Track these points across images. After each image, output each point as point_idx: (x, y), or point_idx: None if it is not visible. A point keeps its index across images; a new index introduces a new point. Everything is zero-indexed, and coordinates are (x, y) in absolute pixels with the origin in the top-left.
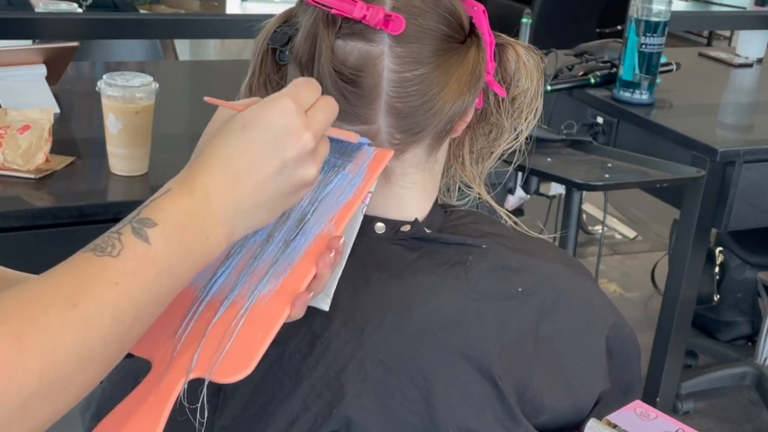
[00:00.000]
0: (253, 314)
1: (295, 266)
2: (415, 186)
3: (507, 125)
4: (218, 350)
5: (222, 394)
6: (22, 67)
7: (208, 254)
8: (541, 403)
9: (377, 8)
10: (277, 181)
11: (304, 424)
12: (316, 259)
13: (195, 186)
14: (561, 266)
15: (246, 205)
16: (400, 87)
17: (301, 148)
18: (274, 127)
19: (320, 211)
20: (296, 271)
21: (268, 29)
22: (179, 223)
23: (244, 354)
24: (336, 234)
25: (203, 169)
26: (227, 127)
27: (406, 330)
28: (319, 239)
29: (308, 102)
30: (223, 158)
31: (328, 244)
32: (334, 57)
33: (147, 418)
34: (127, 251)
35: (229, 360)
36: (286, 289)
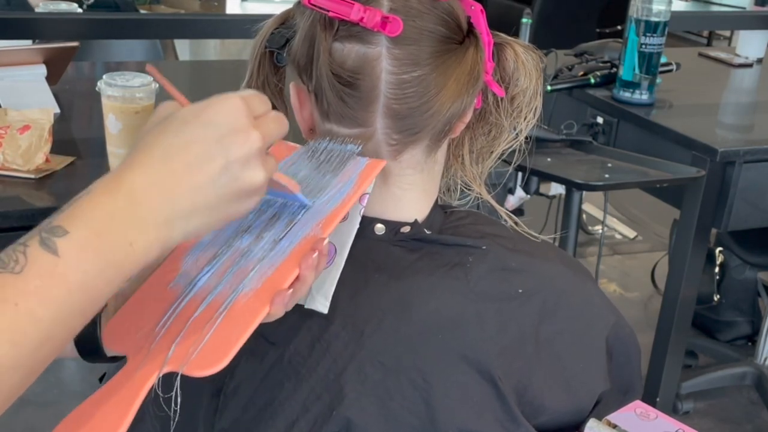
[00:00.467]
0: (232, 311)
1: (278, 267)
2: (414, 187)
3: (506, 125)
4: (194, 345)
5: (222, 395)
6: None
7: (134, 263)
8: (541, 403)
9: (374, 10)
10: (220, 182)
11: (304, 425)
12: (299, 260)
13: (119, 185)
14: (561, 267)
15: (182, 209)
16: (398, 89)
17: (248, 148)
18: (220, 124)
19: (308, 216)
20: (279, 271)
21: (266, 31)
22: (96, 229)
23: (220, 349)
24: (322, 236)
25: (132, 167)
26: (166, 123)
27: (406, 331)
28: (305, 242)
29: (259, 110)
30: (157, 155)
31: (312, 245)
32: (332, 60)
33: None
34: (32, 267)
35: (204, 354)
36: (267, 288)
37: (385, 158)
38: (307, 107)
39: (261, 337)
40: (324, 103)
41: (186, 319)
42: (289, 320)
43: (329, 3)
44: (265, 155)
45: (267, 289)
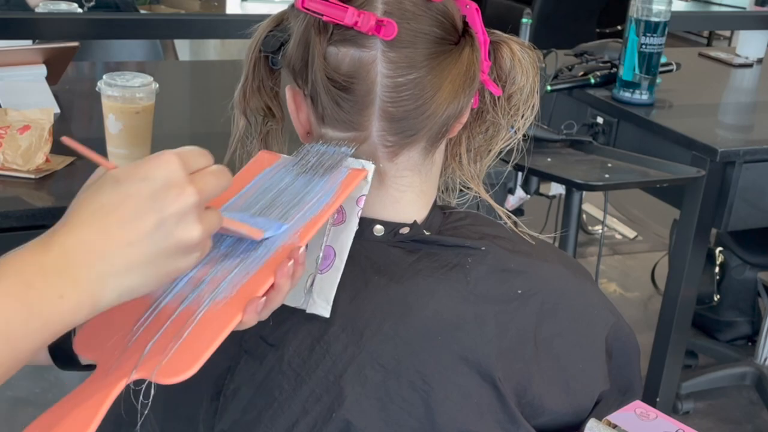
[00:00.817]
0: (205, 319)
1: (253, 274)
2: (412, 188)
3: (504, 123)
4: (165, 352)
5: (222, 397)
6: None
7: (63, 317)
8: (541, 404)
9: (369, 14)
10: (153, 239)
11: (304, 427)
12: (275, 269)
13: (53, 242)
14: (560, 268)
15: (116, 266)
16: (394, 92)
17: (182, 203)
18: (153, 179)
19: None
20: (254, 278)
21: (260, 34)
22: (27, 280)
23: (190, 356)
24: (300, 244)
25: (66, 225)
26: (101, 181)
27: (406, 333)
28: (281, 250)
29: (196, 166)
30: (90, 213)
31: (288, 254)
32: (327, 64)
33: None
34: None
35: (174, 361)
36: (241, 296)
37: (382, 160)
38: (303, 111)
39: (261, 339)
40: (319, 107)
41: (159, 327)
42: (288, 322)
43: (323, 7)
44: (203, 210)
45: (241, 297)
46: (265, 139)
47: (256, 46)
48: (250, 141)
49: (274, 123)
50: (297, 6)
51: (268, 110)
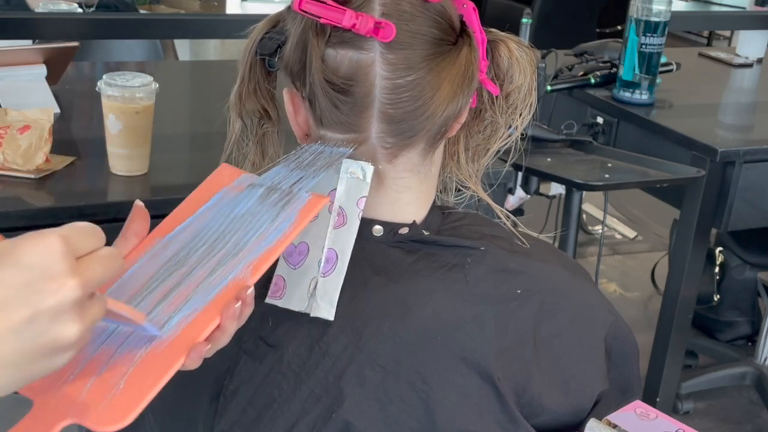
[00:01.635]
0: (146, 360)
1: (199, 312)
2: (411, 189)
3: (502, 122)
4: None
5: (221, 398)
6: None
7: None
8: (540, 404)
9: (367, 16)
10: (23, 335)
11: (304, 428)
12: (221, 308)
13: None
14: (559, 268)
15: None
16: (393, 94)
17: (61, 298)
18: (30, 267)
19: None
20: (199, 318)
21: (256, 35)
22: None
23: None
24: (249, 283)
25: None
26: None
27: (405, 334)
28: (231, 285)
29: (84, 248)
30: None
31: (236, 294)
32: (325, 66)
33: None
34: None
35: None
36: (184, 338)
37: (381, 162)
38: (301, 113)
39: (260, 340)
40: (318, 110)
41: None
42: (288, 323)
43: (321, 9)
44: (86, 303)
45: (184, 338)
46: (261, 142)
47: (251, 48)
48: (246, 143)
49: (270, 125)
50: (294, 8)
51: (264, 112)
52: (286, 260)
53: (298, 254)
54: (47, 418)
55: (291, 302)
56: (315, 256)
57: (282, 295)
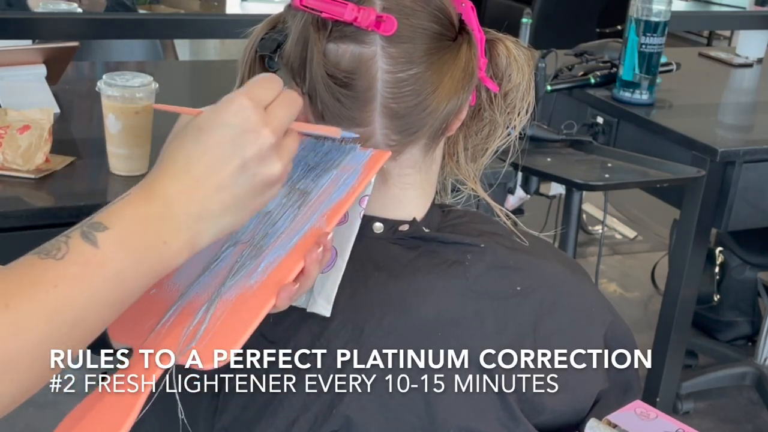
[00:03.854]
0: (238, 303)
1: (282, 259)
2: (413, 186)
3: (500, 121)
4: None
5: (222, 395)
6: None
7: (167, 260)
8: (541, 402)
9: (368, 10)
10: (240, 181)
11: (304, 424)
12: (304, 254)
13: (154, 191)
14: (558, 265)
15: (211, 208)
16: (395, 87)
17: (261, 145)
18: (231, 126)
19: (312, 208)
20: (283, 263)
21: (255, 36)
22: (134, 227)
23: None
24: (326, 230)
25: (162, 175)
26: (184, 132)
27: (405, 330)
28: (310, 234)
29: (267, 98)
30: (181, 163)
31: (317, 239)
32: (327, 61)
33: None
34: (72, 255)
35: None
36: (272, 281)
37: None
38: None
39: (261, 336)
40: (319, 105)
41: (192, 313)
42: (288, 319)
43: (322, 4)
44: (281, 143)
45: (272, 282)
46: None
47: (251, 48)
48: None
49: None
50: (295, 4)
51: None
52: None
53: None
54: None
55: None
56: None
57: None
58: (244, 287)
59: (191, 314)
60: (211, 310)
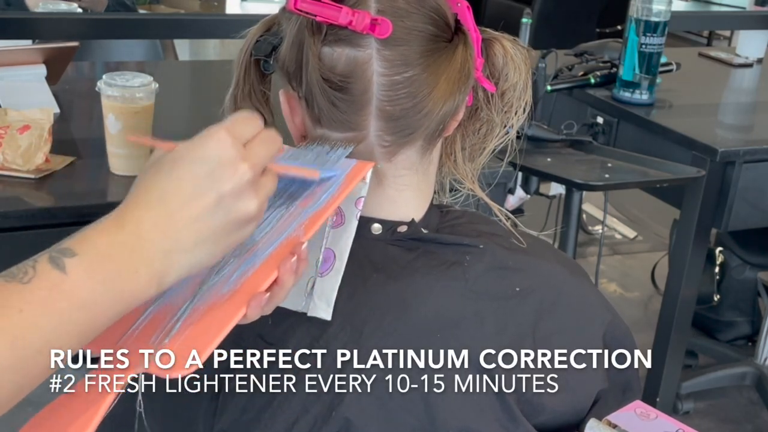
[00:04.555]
0: (209, 312)
1: (257, 268)
2: (409, 187)
3: (498, 120)
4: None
5: (221, 396)
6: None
7: (136, 292)
8: (540, 402)
9: (363, 13)
10: (215, 216)
11: (304, 426)
12: (279, 263)
13: (126, 220)
14: (557, 265)
15: (184, 242)
16: (391, 90)
17: (238, 180)
18: (209, 160)
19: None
20: (258, 273)
21: (250, 39)
22: (104, 255)
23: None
24: (302, 239)
25: (136, 205)
26: (159, 164)
27: (405, 331)
28: (286, 243)
29: (247, 135)
30: (156, 194)
31: (292, 249)
32: (322, 64)
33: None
34: (39, 280)
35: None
36: (244, 290)
37: (379, 160)
38: (298, 114)
39: (259, 338)
40: (315, 109)
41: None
42: (287, 321)
43: (316, 7)
44: (259, 181)
45: (244, 291)
46: None
47: (246, 50)
48: None
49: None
50: (289, 8)
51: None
52: None
53: None
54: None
55: (288, 302)
56: (313, 255)
57: None
58: (217, 295)
59: (162, 321)
60: (182, 317)
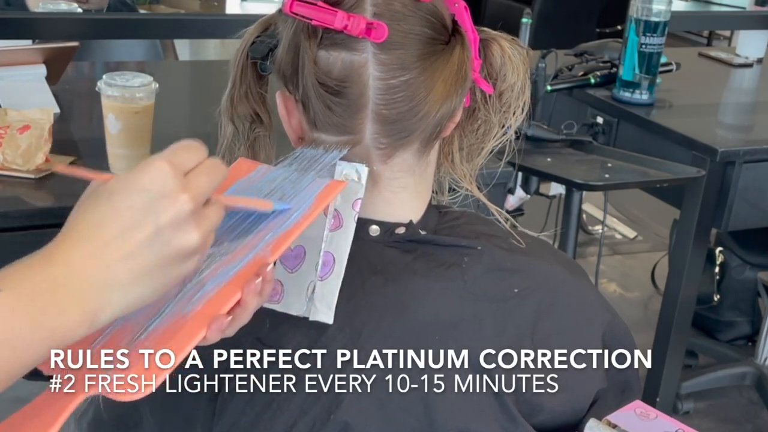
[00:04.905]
0: (168, 332)
1: (221, 288)
2: (406, 189)
3: (495, 121)
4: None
5: (220, 398)
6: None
7: (64, 331)
8: (539, 402)
9: (359, 17)
10: (152, 249)
11: (302, 428)
12: (243, 284)
13: (56, 255)
14: (556, 266)
15: (119, 277)
16: (387, 94)
17: (177, 212)
18: (146, 191)
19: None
20: (221, 293)
21: (247, 39)
22: (31, 290)
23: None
24: (268, 260)
25: (68, 239)
26: (95, 196)
27: (403, 333)
28: (252, 263)
29: (189, 164)
30: (90, 227)
31: (257, 270)
32: (318, 69)
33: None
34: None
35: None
36: (206, 311)
37: (376, 163)
38: (295, 116)
39: (257, 341)
40: (311, 112)
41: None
42: (286, 323)
43: (312, 11)
44: (201, 212)
45: (206, 313)
46: (252, 146)
47: (243, 51)
48: (237, 148)
49: (261, 129)
50: (285, 11)
51: (256, 116)
52: (283, 264)
53: (294, 258)
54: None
55: (289, 306)
56: (312, 259)
57: (280, 299)
58: (179, 315)
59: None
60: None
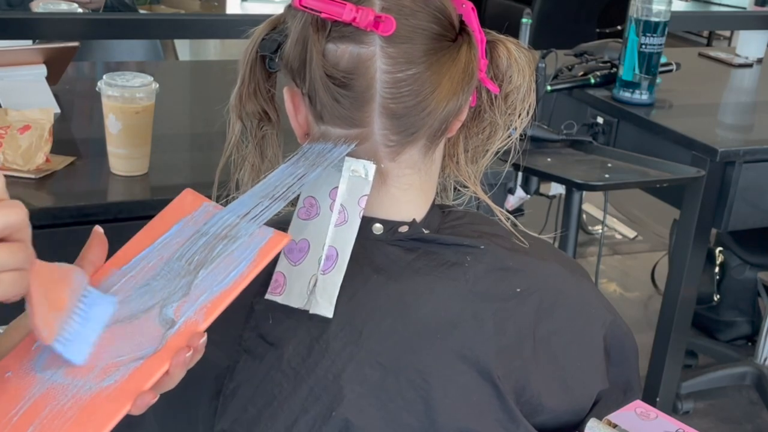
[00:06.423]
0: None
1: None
2: (412, 187)
3: (501, 123)
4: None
5: (221, 396)
6: (22, 67)
7: None
8: (540, 403)
9: (367, 10)
10: None
11: (303, 426)
12: (172, 355)
13: None
14: (558, 266)
15: None
16: (394, 88)
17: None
18: None
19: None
20: (149, 363)
21: (256, 37)
22: None
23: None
24: (199, 329)
25: None
26: None
27: (405, 331)
28: (184, 329)
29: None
30: None
31: (188, 340)
32: (325, 61)
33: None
34: None
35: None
36: (131, 385)
37: (383, 160)
38: (301, 111)
39: (260, 338)
40: (318, 105)
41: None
42: (288, 321)
43: (321, 4)
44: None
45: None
46: (260, 144)
47: (252, 49)
48: (245, 145)
49: (269, 127)
50: (294, 5)
51: (264, 114)
52: (287, 257)
53: (298, 251)
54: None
55: (290, 299)
56: (315, 253)
57: (282, 291)
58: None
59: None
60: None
